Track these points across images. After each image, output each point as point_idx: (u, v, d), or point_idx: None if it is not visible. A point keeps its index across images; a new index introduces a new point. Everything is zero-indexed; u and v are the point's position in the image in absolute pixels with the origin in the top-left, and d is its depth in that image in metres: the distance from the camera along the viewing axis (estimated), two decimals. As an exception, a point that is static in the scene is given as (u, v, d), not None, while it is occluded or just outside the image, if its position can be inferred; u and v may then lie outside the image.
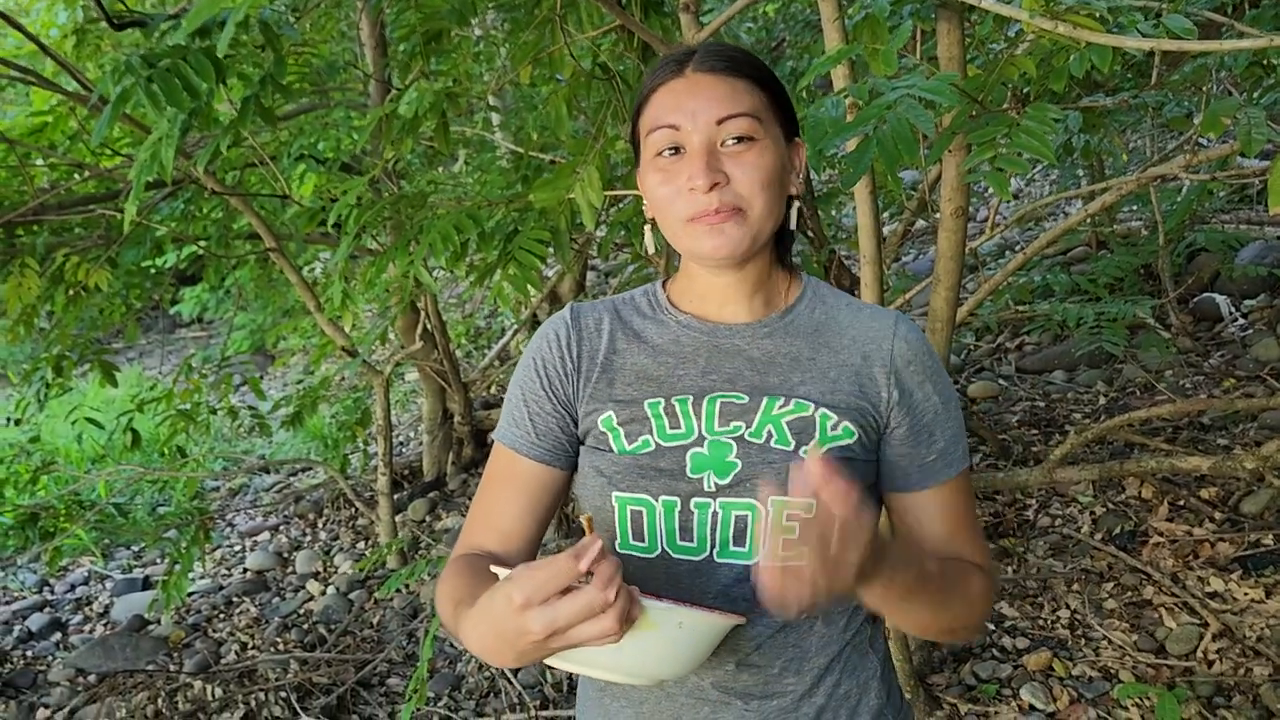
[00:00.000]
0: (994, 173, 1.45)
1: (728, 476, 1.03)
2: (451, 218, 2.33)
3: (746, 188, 1.01)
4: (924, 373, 1.08)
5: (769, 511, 1.01)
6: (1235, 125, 1.67)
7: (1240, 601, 2.65)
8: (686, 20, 2.08)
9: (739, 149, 1.02)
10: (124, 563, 4.84)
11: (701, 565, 1.04)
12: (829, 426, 1.04)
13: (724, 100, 1.02)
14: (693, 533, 1.04)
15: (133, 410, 4.21)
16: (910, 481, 1.09)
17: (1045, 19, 1.45)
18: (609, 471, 1.07)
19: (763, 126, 1.03)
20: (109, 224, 3.81)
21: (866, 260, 2.10)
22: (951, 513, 1.10)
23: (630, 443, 1.07)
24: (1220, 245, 4.30)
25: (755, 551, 1.03)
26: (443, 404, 4.89)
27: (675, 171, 1.03)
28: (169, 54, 1.93)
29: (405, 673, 3.32)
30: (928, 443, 1.08)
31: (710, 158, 1.01)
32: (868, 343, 1.08)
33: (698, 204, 1.01)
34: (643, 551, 1.07)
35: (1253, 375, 3.95)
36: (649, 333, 1.13)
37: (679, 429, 1.06)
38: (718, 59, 1.04)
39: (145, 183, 2.70)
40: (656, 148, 1.04)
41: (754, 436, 1.04)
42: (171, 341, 9.23)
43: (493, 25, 4.64)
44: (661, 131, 1.03)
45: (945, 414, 1.09)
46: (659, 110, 1.05)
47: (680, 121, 1.02)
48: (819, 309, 1.11)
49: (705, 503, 1.04)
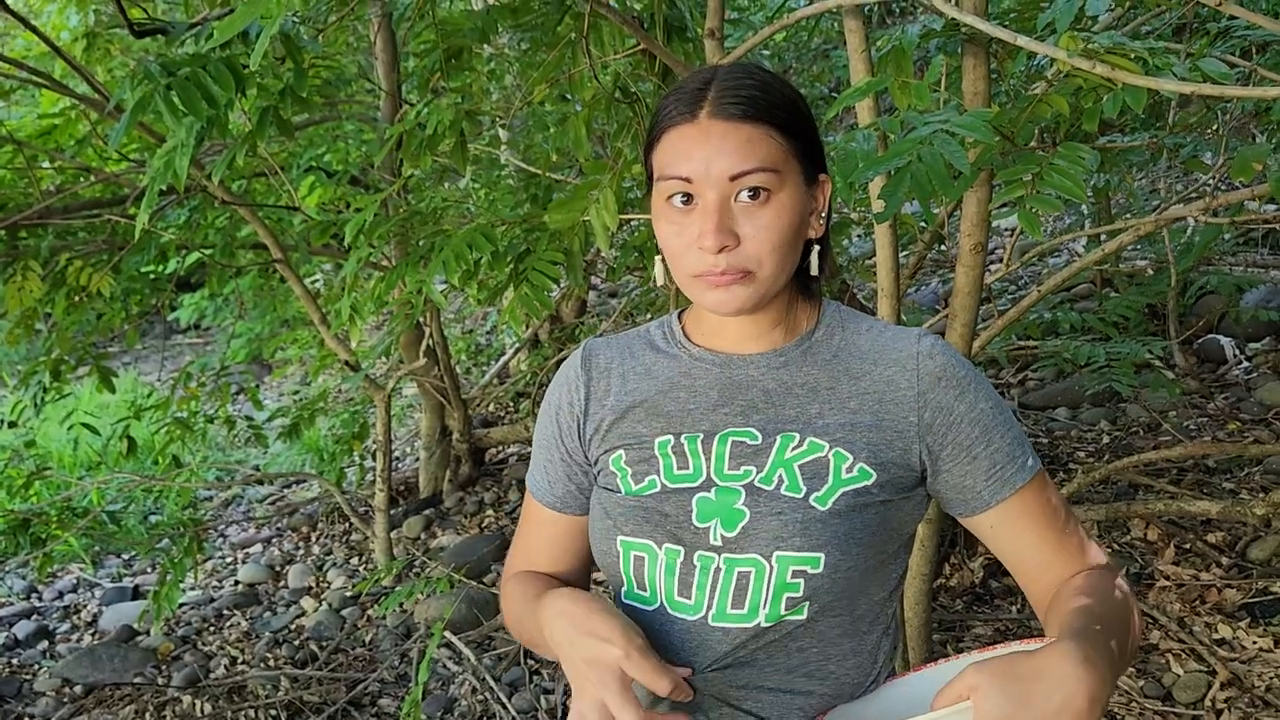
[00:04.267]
0: (1025, 212, 1.43)
1: (735, 529, 0.99)
2: (465, 236, 2.31)
3: (756, 249, 0.97)
4: (961, 384, 1.02)
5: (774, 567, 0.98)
6: (1265, 170, 1.67)
7: (1249, 650, 2.62)
8: (711, 46, 2.07)
9: (753, 206, 0.97)
10: (114, 571, 4.79)
11: (695, 627, 1.01)
12: (843, 468, 1.00)
13: (739, 153, 0.96)
14: (691, 589, 1.01)
15: (130, 417, 4.17)
16: (982, 499, 1.02)
17: (1083, 59, 1.43)
18: (615, 514, 1.05)
19: (780, 177, 0.97)
20: (114, 229, 3.79)
21: (885, 294, 2.08)
22: (1041, 519, 1.03)
23: (637, 483, 1.04)
24: (1228, 288, 4.30)
25: (755, 614, 0.99)
26: (441, 420, 4.85)
27: (685, 224, 0.98)
28: (189, 62, 1.91)
29: (397, 693, 3.27)
30: (986, 453, 1.01)
31: (721, 217, 0.96)
32: (891, 365, 1.03)
33: (705, 263, 0.97)
34: (644, 603, 1.04)
35: (1257, 419, 3.94)
36: (660, 367, 1.10)
37: (686, 469, 1.03)
38: (734, 103, 0.97)
39: (156, 190, 2.68)
40: (666, 193, 1.00)
41: (764, 483, 1.00)
42: (169, 348, 9.19)
43: (506, 45, 4.64)
44: (673, 183, 0.98)
45: (997, 419, 1.02)
46: (670, 156, 0.99)
47: (692, 174, 0.97)
48: (838, 334, 1.07)
49: (709, 557, 1.00)
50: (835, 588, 0.98)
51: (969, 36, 1.90)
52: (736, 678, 1.01)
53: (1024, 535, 1.03)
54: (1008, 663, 0.82)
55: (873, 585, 1.04)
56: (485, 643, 3.45)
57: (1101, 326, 3.73)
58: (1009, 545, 1.05)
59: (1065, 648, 0.83)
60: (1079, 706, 0.79)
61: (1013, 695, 0.79)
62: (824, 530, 0.97)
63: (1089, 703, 0.80)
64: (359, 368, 3.71)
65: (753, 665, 1.01)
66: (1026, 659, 0.82)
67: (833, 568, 0.97)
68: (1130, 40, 1.52)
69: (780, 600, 0.97)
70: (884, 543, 1.02)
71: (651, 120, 1.04)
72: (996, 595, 3.14)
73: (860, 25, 1.94)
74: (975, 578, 3.20)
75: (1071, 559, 1.03)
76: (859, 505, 0.99)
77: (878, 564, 1.03)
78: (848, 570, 0.98)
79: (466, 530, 4.50)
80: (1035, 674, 0.81)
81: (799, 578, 0.97)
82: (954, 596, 3.17)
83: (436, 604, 3.63)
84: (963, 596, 3.16)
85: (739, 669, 1.01)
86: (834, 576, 0.98)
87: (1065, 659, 0.81)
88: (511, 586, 1.16)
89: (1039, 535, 1.03)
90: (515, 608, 1.14)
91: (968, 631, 2.96)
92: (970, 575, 3.21)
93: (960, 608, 3.11)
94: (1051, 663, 0.81)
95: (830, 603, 1.00)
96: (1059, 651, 0.82)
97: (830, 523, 0.98)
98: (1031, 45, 1.49)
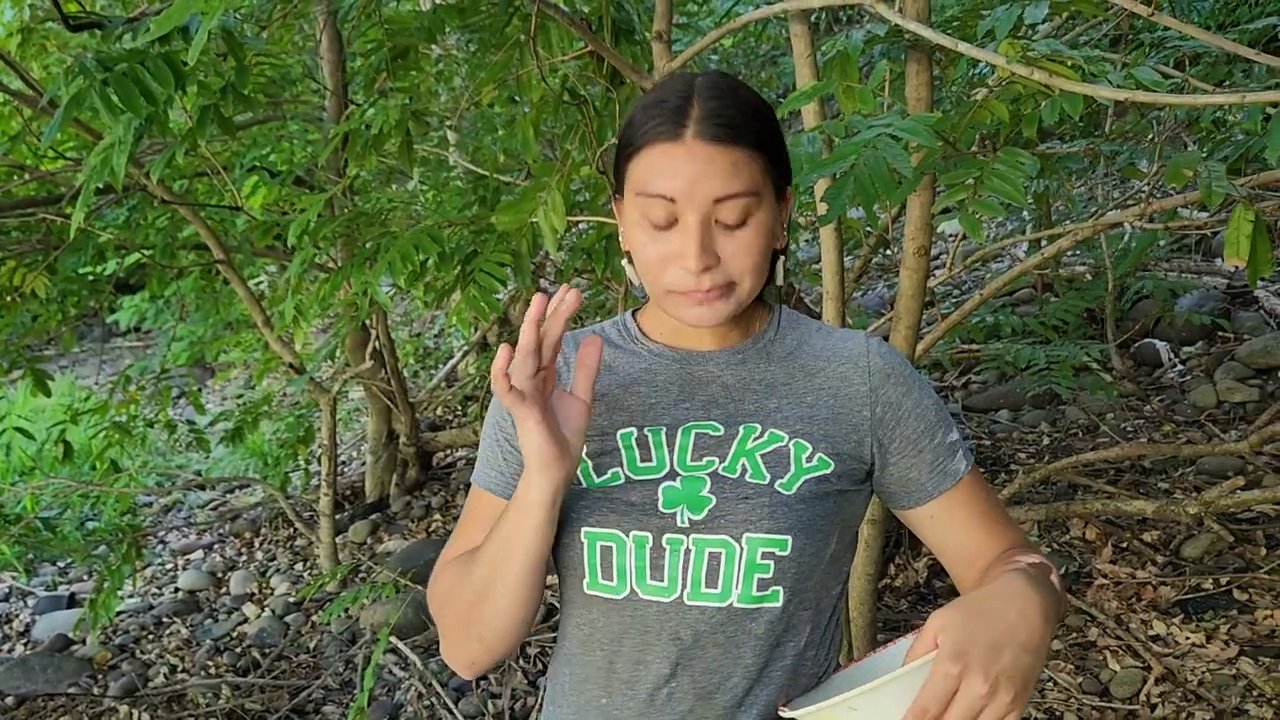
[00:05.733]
0: (967, 215, 1.46)
1: (702, 511, 1.01)
2: (412, 237, 2.29)
3: (738, 267, 0.99)
4: (907, 381, 1.07)
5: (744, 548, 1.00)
6: (1196, 178, 1.71)
7: (1182, 645, 2.69)
8: (659, 49, 2.07)
9: (735, 226, 0.98)
10: (48, 579, 4.67)
11: (671, 608, 1.02)
12: (804, 457, 1.03)
13: (724, 176, 0.97)
14: (664, 571, 1.01)
15: (66, 421, 4.07)
16: (925, 490, 1.07)
17: (1021, 65, 1.46)
18: (578, 506, 1.04)
19: (760, 199, 0.99)
20: (49, 228, 3.69)
21: (830, 297, 2.10)
22: (978, 509, 1.09)
23: (599, 475, 1.05)
24: (1163, 292, 4.41)
25: (729, 593, 1.00)
26: (388, 424, 4.81)
27: (664, 239, 0.99)
28: (127, 58, 1.87)
29: (341, 700, 3.23)
30: (930, 445, 1.06)
31: (704, 238, 0.97)
32: (844, 363, 1.07)
33: (686, 282, 0.99)
34: (611, 592, 1.03)
35: (1191, 420, 4.04)
36: (620, 363, 1.11)
37: (650, 461, 1.04)
38: (721, 125, 0.97)
39: (93, 188, 2.62)
40: (646, 210, 1.00)
41: (728, 471, 1.02)
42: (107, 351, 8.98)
43: (453, 46, 4.61)
44: (655, 201, 0.98)
45: (938, 415, 1.08)
46: (652, 174, 0.99)
47: (676, 195, 0.97)
48: (791, 335, 1.11)
49: (678, 539, 1.01)
50: (801, 573, 1.01)
51: (912, 43, 1.92)
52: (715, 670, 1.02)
53: (962, 524, 1.08)
54: (963, 599, 0.89)
55: (831, 579, 1.07)
56: (432, 648, 3.42)
57: (1042, 330, 3.80)
58: (948, 535, 1.09)
59: (1012, 575, 0.90)
60: (1034, 617, 0.85)
61: (970, 618, 0.85)
62: (790, 514, 1.00)
63: (1041, 617, 0.86)
64: (303, 370, 3.66)
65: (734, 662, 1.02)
66: (974, 592, 0.89)
67: (799, 551, 1.00)
68: (1068, 49, 1.55)
69: (752, 580, 1.00)
70: (840, 534, 1.06)
71: (627, 129, 1.03)
72: (940, 595, 3.19)
73: (806, 30, 1.96)
74: (919, 577, 3.24)
75: (997, 545, 1.08)
76: (820, 493, 1.03)
77: (833, 557, 1.06)
78: (812, 555, 1.02)
79: (413, 535, 4.46)
80: (990, 596, 0.88)
81: (768, 559, 0.99)
82: (899, 596, 3.20)
83: (382, 609, 3.59)
84: (907, 596, 3.20)
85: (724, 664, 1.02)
86: (800, 560, 1.01)
87: (1014, 581, 0.88)
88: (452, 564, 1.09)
89: (976, 523, 1.08)
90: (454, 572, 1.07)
91: (911, 631, 3.00)
92: (914, 575, 3.25)
93: (905, 607, 3.15)
94: (1002, 585, 0.88)
95: (798, 589, 1.02)
96: (1007, 577, 0.90)
97: (796, 507, 1.01)
98: (972, 52, 1.52)
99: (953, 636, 0.83)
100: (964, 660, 0.82)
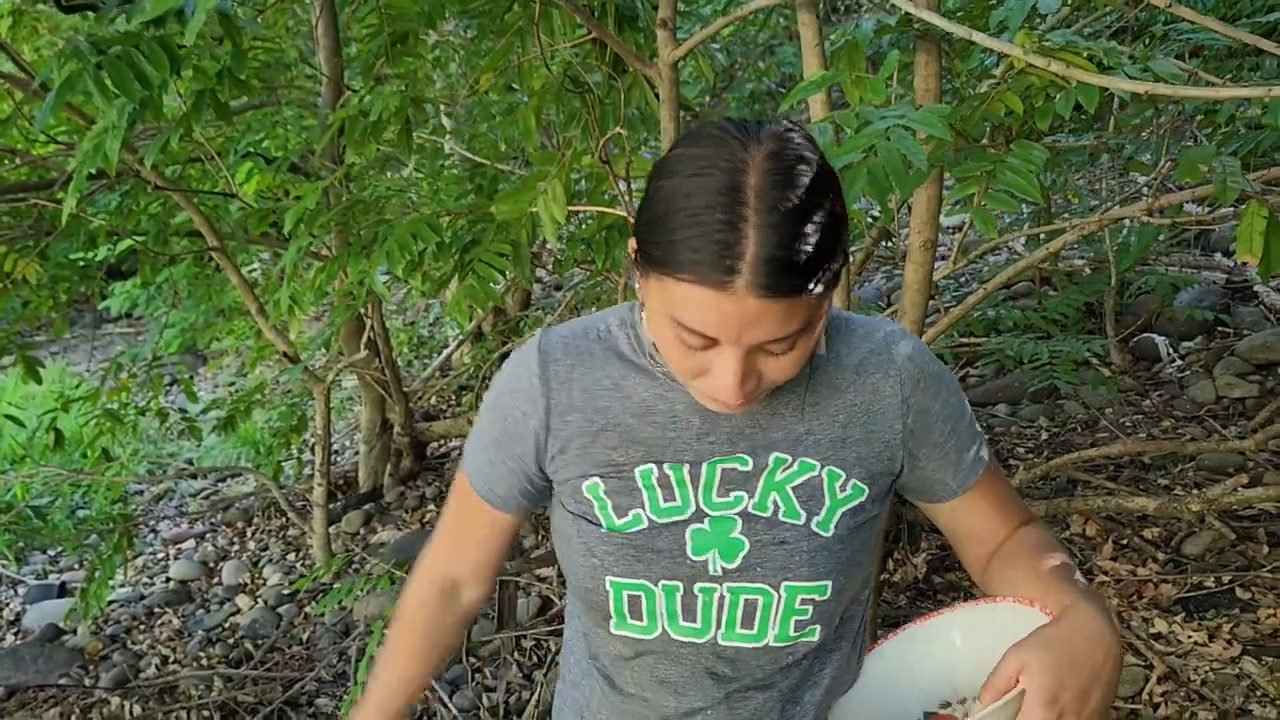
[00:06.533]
0: (980, 210, 1.43)
1: (735, 559, 0.95)
2: (409, 226, 2.25)
3: (772, 379, 0.88)
4: (935, 381, 1.00)
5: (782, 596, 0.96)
6: (1210, 173, 1.68)
7: (1184, 644, 2.67)
8: (663, 37, 2.03)
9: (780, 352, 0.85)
10: (39, 568, 4.63)
11: (704, 647, 0.98)
12: (837, 487, 0.98)
13: (777, 323, 0.81)
14: (696, 615, 0.97)
15: (57, 409, 4.02)
16: (952, 488, 1.04)
17: (1038, 56, 1.43)
18: (599, 552, 0.97)
19: (813, 323, 0.85)
20: (41, 214, 3.65)
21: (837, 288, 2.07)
22: (997, 499, 1.07)
23: (620, 517, 0.97)
24: (1164, 287, 4.39)
25: (764, 634, 0.97)
26: (382, 414, 4.77)
27: (698, 355, 0.86)
28: (121, 40, 1.83)
29: (335, 693, 3.20)
30: (955, 445, 1.02)
31: (746, 371, 0.85)
32: (874, 372, 0.98)
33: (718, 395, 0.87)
34: (641, 632, 0.99)
35: (1190, 416, 4.02)
36: (631, 385, 0.99)
37: (674, 502, 0.97)
38: (781, 279, 0.78)
39: (85, 174, 2.57)
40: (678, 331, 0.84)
41: (759, 509, 0.96)
42: (99, 337, 8.91)
43: (451, 32, 4.56)
44: (693, 334, 0.83)
45: (960, 408, 1.04)
46: (691, 309, 0.81)
47: (721, 337, 0.82)
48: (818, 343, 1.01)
49: (711, 587, 0.96)
50: (839, 608, 1.01)
51: (922, 33, 1.89)
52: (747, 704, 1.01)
53: (987, 516, 1.07)
54: (1041, 636, 0.85)
55: (861, 591, 1.08)
56: (426, 640, 3.39)
57: (1042, 324, 3.78)
58: (965, 523, 1.08)
59: (1086, 608, 0.88)
60: (1117, 654, 0.85)
61: (1061, 662, 0.83)
62: (829, 559, 0.97)
63: (1119, 651, 0.86)
64: (297, 359, 3.62)
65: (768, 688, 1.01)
66: (1054, 628, 0.86)
67: (838, 592, 0.99)
68: (1083, 40, 1.52)
69: (789, 623, 0.98)
70: (874, 551, 1.05)
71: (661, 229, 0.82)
72: (939, 590, 3.17)
73: (814, 19, 1.93)
74: (918, 573, 3.22)
75: (1015, 521, 1.08)
76: (857, 526, 0.99)
77: (865, 577, 1.06)
78: (850, 589, 1.01)
79: (407, 525, 4.43)
80: (1072, 637, 0.85)
81: (807, 604, 0.97)
82: (897, 591, 3.18)
83: (376, 601, 3.56)
84: (906, 591, 3.18)
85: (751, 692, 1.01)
86: (840, 599, 1.00)
87: (1092, 618, 0.87)
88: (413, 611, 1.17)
89: (994, 511, 1.07)
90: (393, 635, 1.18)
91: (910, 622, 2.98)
92: (913, 570, 3.23)
93: (904, 602, 3.13)
94: (1082, 623, 0.86)
95: (835, 620, 1.02)
96: (1084, 613, 0.87)
97: (835, 550, 0.97)
98: (987, 41, 1.48)
99: (1045, 681, 0.82)
100: (1058, 705, 0.82)
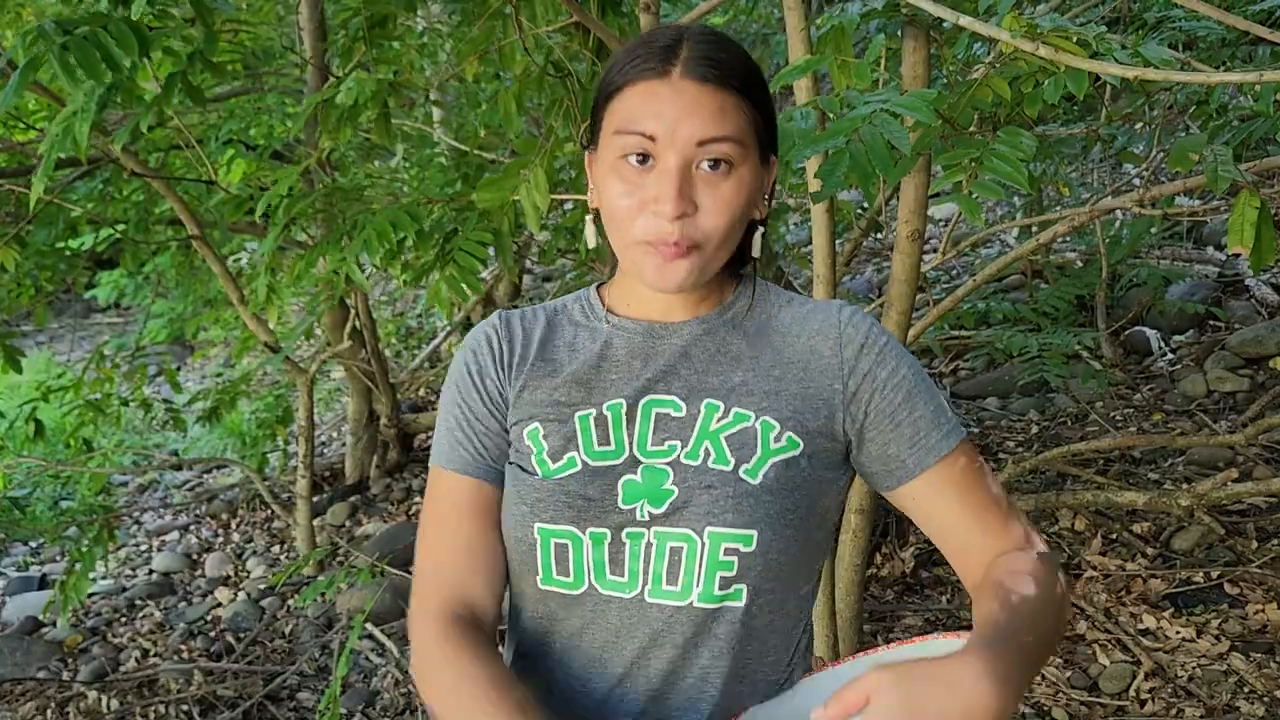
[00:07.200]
0: (965, 198, 1.39)
1: (663, 505, 0.96)
2: (388, 214, 2.21)
3: (711, 223, 0.94)
4: (882, 350, 1.00)
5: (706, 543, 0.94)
6: (1201, 162, 1.65)
7: (1172, 640, 2.64)
8: (646, 20, 2.00)
9: (714, 176, 0.93)
10: (19, 560, 4.58)
11: (631, 604, 0.97)
12: (771, 438, 0.97)
13: (710, 119, 0.92)
14: (624, 566, 0.96)
15: (38, 399, 3.97)
16: (906, 468, 0.99)
17: (1026, 41, 1.39)
18: (530, 499, 0.98)
19: (744, 151, 0.95)
20: (19, 201, 3.59)
21: (820, 280, 2.03)
22: (966, 490, 1.00)
23: (554, 462, 0.99)
24: (1156, 280, 4.36)
25: (689, 591, 0.95)
26: (369, 405, 4.73)
27: (639, 184, 0.94)
28: (87, 21, 1.79)
29: (317, 686, 3.16)
30: (909, 419, 0.99)
31: (683, 183, 0.92)
32: (814, 335, 1.01)
33: (658, 230, 0.93)
34: (567, 588, 0.98)
35: (1180, 410, 4.00)
36: (581, 341, 1.06)
37: (608, 446, 0.98)
38: (709, 65, 0.93)
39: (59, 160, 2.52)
40: (623, 150, 0.94)
41: (690, 458, 0.97)
42: (85, 327, 8.85)
43: (437, 18, 4.51)
44: (634, 138, 0.93)
45: (918, 384, 1.00)
46: (634, 111, 0.94)
47: (658, 132, 0.92)
48: (761, 307, 1.06)
49: (639, 533, 0.96)
50: (767, 571, 0.96)
51: (910, 18, 1.85)
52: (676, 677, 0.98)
53: (953, 508, 1.00)
54: (911, 667, 0.79)
55: (799, 578, 1.02)
56: (409, 634, 3.36)
57: (1033, 317, 3.75)
58: (933, 517, 1.02)
59: (974, 661, 0.80)
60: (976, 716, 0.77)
61: (910, 699, 0.77)
62: (756, 506, 0.95)
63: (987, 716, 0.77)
64: (279, 349, 3.58)
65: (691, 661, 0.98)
66: (932, 665, 0.80)
67: (764, 547, 0.95)
68: (1073, 25, 1.48)
69: (714, 579, 0.95)
70: (811, 529, 1.00)
71: (608, 72, 0.98)
72: (927, 585, 3.14)
73: (799, 3, 1.89)
74: (906, 568, 3.20)
75: (994, 535, 1.00)
76: (789, 480, 0.97)
77: (804, 553, 1.00)
78: (780, 552, 0.96)
79: (393, 517, 4.39)
80: (936, 680, 0.79)
81: (731, 555, 0.95)
82: (885, 587, 3.15)
83: (359, 594, 3.53)
84: (893, 587, 3.15)
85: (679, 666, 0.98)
86: (765, 557, 0.95)
87: (971, 671, 0.79)
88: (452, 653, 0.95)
89: (961, 506, 1.00)
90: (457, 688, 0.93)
91: (898, 622, 2.95)
92: (901, 565, 3.21)
93: (891, 598, 3.10)
94: (957, 672, 0.79)
95: (762, 589, 0.97)
96: (967, 663, 0.80)
97: (763, 498, 0.95)
98: (975, 26, 1.45)
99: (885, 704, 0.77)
100: None
